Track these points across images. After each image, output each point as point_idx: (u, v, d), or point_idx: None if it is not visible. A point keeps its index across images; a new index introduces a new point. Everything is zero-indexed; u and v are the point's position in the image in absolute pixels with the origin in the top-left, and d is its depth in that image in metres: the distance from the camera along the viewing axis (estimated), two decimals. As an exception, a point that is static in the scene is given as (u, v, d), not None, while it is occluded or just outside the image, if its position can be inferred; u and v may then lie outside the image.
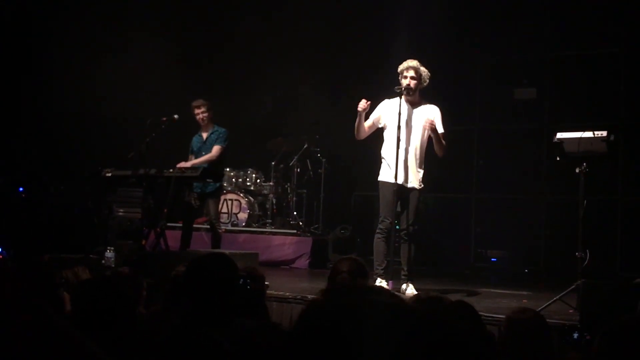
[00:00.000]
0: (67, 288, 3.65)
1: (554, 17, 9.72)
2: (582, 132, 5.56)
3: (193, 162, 7.75)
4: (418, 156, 6.23)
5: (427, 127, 6.12)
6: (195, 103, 7.90)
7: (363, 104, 6.07)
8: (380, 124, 6.35)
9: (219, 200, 8.30)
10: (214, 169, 7.63)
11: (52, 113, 9.84)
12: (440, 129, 6.21)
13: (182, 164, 7.67)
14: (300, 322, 0.99)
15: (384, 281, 6.04)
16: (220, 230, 7.98)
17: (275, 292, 5.85)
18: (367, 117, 6.32)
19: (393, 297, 1.14)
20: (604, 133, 5.50)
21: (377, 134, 6.47)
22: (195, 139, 8.05)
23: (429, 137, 6.27)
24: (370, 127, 6.38)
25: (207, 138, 7.94)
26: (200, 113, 7.87)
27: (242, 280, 3.44)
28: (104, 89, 9.54)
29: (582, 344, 3.19)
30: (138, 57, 9.76)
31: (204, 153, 7.89)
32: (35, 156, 9.74)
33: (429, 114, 6.22)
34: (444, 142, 6.18)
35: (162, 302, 3.65)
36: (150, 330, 2.87)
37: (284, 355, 0.99)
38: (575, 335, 3.30)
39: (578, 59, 9.58)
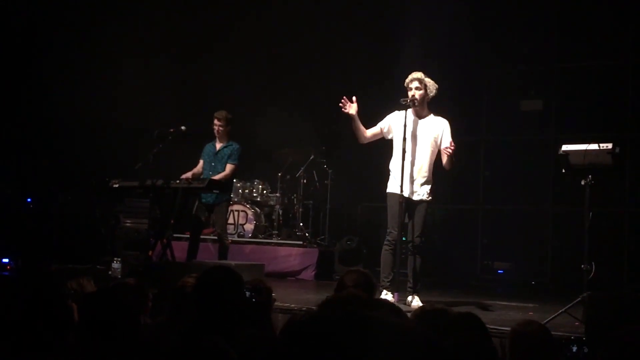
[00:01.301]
0: (74, 298, 3.67)
1: (560, 28, 9.75)
2: (587, 145, 5.56)
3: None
4: (425, 168, 6.24)
5: (446, 154, 6.11)
6: (216, 113, 7.92)
7: (343, 105, 6.10)
8: (388, 135, 6.37)
9: (227, 211, 8.32)
10: (221, 180, 7.65)
11: (59, 124, 9.89)
12: (448, 140, 6.22)
13: (185, 176, 7.70)
14: (284, 333, 1.00)
15: (389, 293, 6.04)
16: (227, 242, 8.00)
17: (281, 304, 5.85)
18: (374, 123, 6.36)
19: (393, 313, 1.15)
20: (609, 145, 5.49)
21: (387, 146, 6.49)
22: (208, 147, 8.06)
23: (438, 150, 6.27)
24: (375, 135, 6.40)
25: (219, 150, 7.95)
26: (218, 125, 7.89)
27: (248, 293, 3.46)
28: (111, 100, 9.60)
29: (580, 358, 3.19)
30: (147, 68, 9.82)
31: (213, 164, 7.91)
32: (43, 167, 9.79)
33: (437, 128, 6.23)
34: (454, 157, 6.18)
35: (167, 312, 3.67)
36: (155, 340, 2.89)
37: None
38: (574, 349, 3.30)
39: (585, 70, 9.59)
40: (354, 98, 6.19)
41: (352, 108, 6.15)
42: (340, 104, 6.13)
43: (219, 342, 2.33)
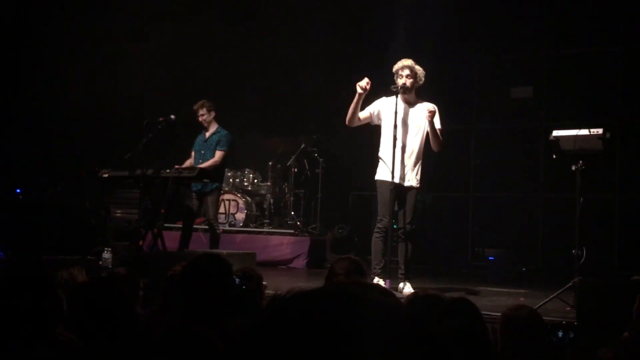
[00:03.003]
0: (64, 289, 3.65)
1: (551, 15, 9.74)
2: (578, 130, 5.57)
3: (198, 166, 7.74)
4: (415, 155, 6.24)
5: (428, 118, 6.08)
6: (195, 106, 7.91)
7: (364, 84, 6.01)
8: (376, 120, 6.35)
9: (218, 200, 8.31)
10: (211, 169, 7.63)
11: (48, 114, 9.84)
12: (437, 125, 6.21)
13: (178, 167, 7.68)
14: (266, 309, 0.97)
15: (381, 280, 6.05)
16: (218, 230, 7.99)
17: (273, 292, 5.84)
18: (362, 107, 6.31)
19: (385, 295, 1.13)
20: (600, 131, 5.51)
21: (376, 133, 6.47)
22: (199, 137, 8.07)
23: (426, 136, 6.27)
24: (364, 118, 6.35)
25: (208, 138, 7.95)
26: (200, 116, 7.89)
27: (237, 280, 3.45)
28: (100, 89, 9.53)
29: (566, 343, 3.20)
30: (135, 57, 9.76)
31: (203, 152, 7.90)
32: (32, 157, 9.73)
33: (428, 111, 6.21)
34: (440, 137, 6.19)
35: (159, 302, 3.66)
36: (147, 330, 2.88)
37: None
38: (560, 334, 3.31)
39: (574, 57, 9.60)
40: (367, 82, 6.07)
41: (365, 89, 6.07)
42: (366, 82, 5.98)
43: (205, 335, 2.32)
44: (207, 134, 7.97)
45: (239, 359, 0.96)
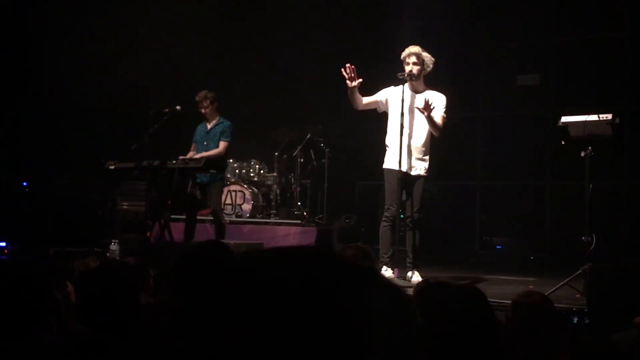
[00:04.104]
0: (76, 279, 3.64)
1: (557, 1, 9.66)
2: (587, 116, 5.53)
3: (201, 154, 7.72)
4: (422, 143, 6.19)
5: (421, 107, 5.99)
6: (197, 97, 7.89)
7: (349, 82, 5.98)
8: (384, 108, 6.31)
9: (222, 191, 8.29)
10: (217, 160, 7.61)
11: (54, 106, 9.83)
12: (440, 112, 6.14)
13: (183, 157, 7.65)
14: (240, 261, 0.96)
15: (389, 269, 6.03)
16: (223, 221, 7.97)
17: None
18: (371, 93, 6.28)
19: (390, 284, 1.11)
20: (609, 116, 5.46)
21: (382, 122, 6.43)
22: (199, 127, 8.04)
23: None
24: (370, 104, 6.32)
25: (211, 129, 7.93)
26: (203, 107, 7.87)
27: None
28: (106, 81, 9.52)
29: (581, 329, 3.18)
30: (141, 48, 9.73)
31: (205, 143, 7.88)
32: (38, 150, 9.73)
33: (432, 100, 6.13)
34: (439, 123, 6.10)
35: (168, 292, 3.64)
36: (156, 318, 2.86)
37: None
38: (575, 320, 3.30)
39: (581, 43, 9.52)
40: (357, 80, 6.05)
41: (355, 82, 6.04)
42: (345, 74, 6.01)
43: (206, 321, 2.30)
44: (209, 125, 7.95)
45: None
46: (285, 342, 0.89)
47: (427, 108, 5.90)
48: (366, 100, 6.29)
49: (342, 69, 5.97)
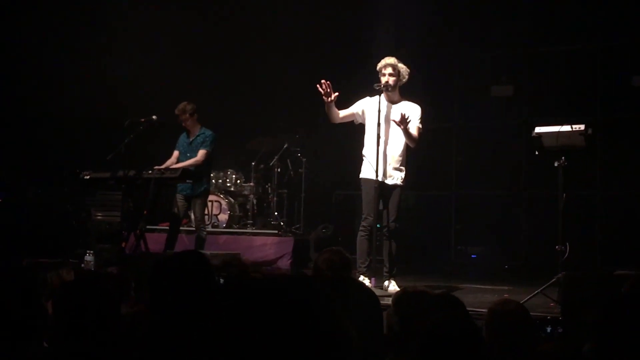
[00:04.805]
0: (50, 291, 3.59)
1: (530, 13, 9.80)
2: (560, 126, 5.61)
3: (179, 164, 7.71)
4: (399, 153, 6.25)
5: (397, 121, 6.04)
6: (176, 110, 7.89)
7: (326, 97, 6.02)
8: (360, 119, 6.36)
9: (205, 203, 8.28)
10: (194, 170, 7.59)
11: (28, 114, 9.72)
12: (415, 124, 6.19)
13: (159, 167, 7.62)
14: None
15: (366, 279, 6.05)
16: (204, 235, 7.95)
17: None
18: (347, 106, 6.33)
19: (362, 292, 1.13)
20: (582, 127, 5.56)
21: (359, 132, 6.47)
22: (181, 137, 8.04)
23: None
24: (347, 117, 6.38)
25: (193, 140, 7.93)
26: (183, 121, 7.88)
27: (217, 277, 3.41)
28: (80, 91, 9.45)
29: (554, 338, 3.23)
30: (116, 58, 9.69)
31: (188, 155, 7.88)
32: (12, 160, 9.61)
33: (410, 114, 6.18)
34: (415, 135, 6.16)
35: (146, 302, 3.62)
36: (133, 329, 2.85)
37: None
38: (549, 329, 3.34)
39: (554, 55, 9.66)
40: (333, 94, 6.08)
41: (331, 97, 6.08)
42: (321, 90, 6.05)
43: (185, 332, 2.30)
44: (191, 136, 7.95)
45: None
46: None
47: (404, 122, 5.95)
48: (342, 113, 6.34)
49: (318, 85, 6.02)
